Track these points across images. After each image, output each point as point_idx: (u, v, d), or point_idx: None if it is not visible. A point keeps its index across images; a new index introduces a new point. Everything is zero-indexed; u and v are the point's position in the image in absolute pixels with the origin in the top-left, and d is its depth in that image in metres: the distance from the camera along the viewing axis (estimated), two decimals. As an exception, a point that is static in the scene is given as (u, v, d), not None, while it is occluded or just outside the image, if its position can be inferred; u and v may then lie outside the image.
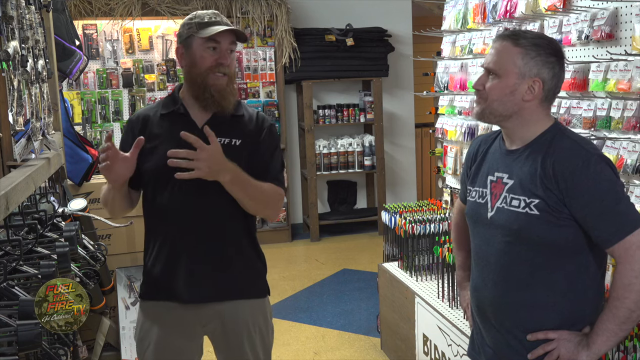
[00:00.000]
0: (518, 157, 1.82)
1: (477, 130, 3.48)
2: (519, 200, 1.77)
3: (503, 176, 1.84)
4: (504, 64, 1.77)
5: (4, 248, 2.14)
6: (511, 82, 1.76)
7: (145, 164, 2.18)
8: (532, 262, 1.78)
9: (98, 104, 6.31)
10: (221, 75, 2.13)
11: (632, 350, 2.09)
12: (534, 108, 1.79)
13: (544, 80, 1.76)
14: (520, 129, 1.82)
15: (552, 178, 1.71)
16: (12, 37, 2.01)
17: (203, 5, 6.13)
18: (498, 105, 1.79)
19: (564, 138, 1.77)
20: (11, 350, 1.60)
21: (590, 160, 1.70)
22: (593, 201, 1.69)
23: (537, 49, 1.76)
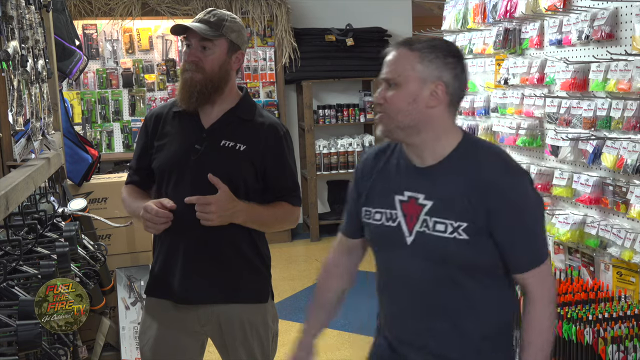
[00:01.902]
0: (435, 175, 1.67)
1: (477, 130, 3.48)
2: (444, 225, 1.63)
3: (417, 196, 1.68)
4: (403, 70, 1.65)
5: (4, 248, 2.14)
6: (412, 89, 1.64)
7: (154, 161, 2.19)
8: (459, 286, 1.67)
9: (98, 104, 6.30)
10: (193, 72, 2.12)
11: (632, 350, 2.09)
12: (441, 115, 1.66)
13: (446, 82, 1.64)
14: (432, 142, 1.67)
15: (481, 197, 1.60)
16: (12, 37, 2.01)
17: (203, 5, 6.12)
18: (403, 116, 1.65)
19: (485, 151, 1.67)
20: (11, 350, 1.60)
21: (521, 181, 1.64)
22: (521, 222, 1.63)
23: (434, 51, 1.65)
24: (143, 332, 2.28)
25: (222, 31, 2.13)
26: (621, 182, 2.49)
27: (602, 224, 2.58)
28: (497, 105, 3.26)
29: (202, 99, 2.14)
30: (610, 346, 2.11)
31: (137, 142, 2.32)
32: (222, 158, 2.14)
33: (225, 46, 2.15)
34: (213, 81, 2.13)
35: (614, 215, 2.58)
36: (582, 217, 2.70)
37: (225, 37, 2.14)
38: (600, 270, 2.67)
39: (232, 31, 2.15)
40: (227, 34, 2.14)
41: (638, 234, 2.40)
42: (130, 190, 2.29)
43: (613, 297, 2.47)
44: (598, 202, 2.61)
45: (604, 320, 2.23)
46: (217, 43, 2.13)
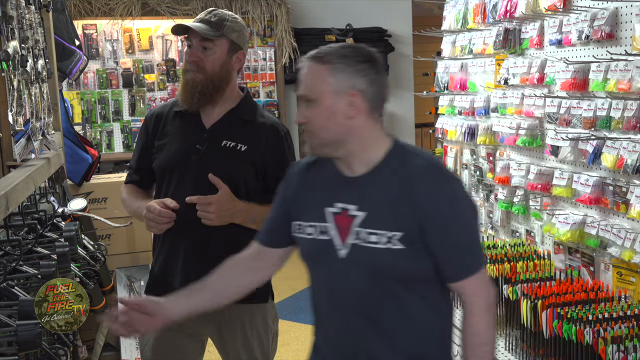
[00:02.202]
0: (365, 185, 1.63)
1: (477, 130, 3.48)
2: (378, 236, 1.58)
3: (349, 207, 1.63)
4: (316, 86, 1.61)
5: (4, 248, 2.14)
6: (328, 103, 1.59)
7: (154, 161, 2.19)
8: (395, 299, 1.63)
9: (98, 104, 6.30)
10: (194, 73, 2.12)
11: (632, 350, 2.09)
12: (363, 124, 1.62)
13: (361, 90, 1.60)
14: (360, 152, 1.63)
15: (413, 204, 1.57)
16: (12, 37, 2.01)
17: (203, 5, 6.12)
18: (325, 133, 1.62)
19: (415, 158, 1.63)
20: (11, 350, 1.60)
21: (451, 189, 1.61)
22: (454, 229, 1.60)
23: (344, 60, 1.61)
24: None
25: (223, 31, 2.13)
26: (621, 182, 2.49)
27: (602, 224, 2.58)
28: (497, 105, 3.26)
29: (203, 99, 2.14)
30: (610, 346, 2.11)
31: (137, 141, 2.32)
32: (223, 158, 2.14)
33: (226, 46, 2.15)
34: (214, 81, 2.13)
35: (614, 215, 2.58)
36: (582, 217, 2.70)
37: (226, 37, 2.14)
38: (600, 270, 2.67)
39: (233, 31, 2.15)
40: (228, 34, 2.14)
41: (638, 234, 2.40)
42: (130, 189, 2.29)
43: (613, 297, 2.47)
44: (598, 202, 2.61)
45: (604, 320, 2.23)
46: (218, 43, 2.13)
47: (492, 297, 1.67)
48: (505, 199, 3.25)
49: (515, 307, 2.57)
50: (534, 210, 3.07)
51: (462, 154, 3.80)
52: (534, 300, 2.44)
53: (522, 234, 3.24)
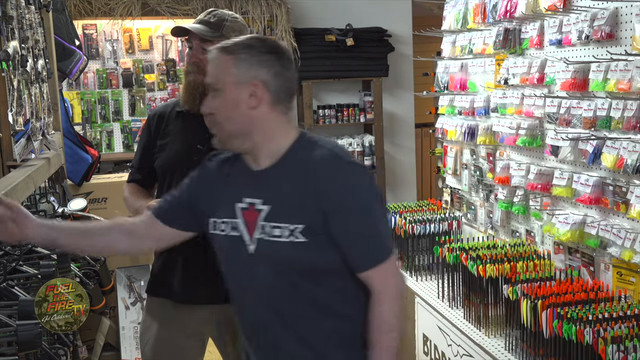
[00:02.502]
0: (269, 177, 1.64)
1: (477, 130, 3.48)
2: (281, 229, 1.59)
3: (255, 202, 1.63)
4: (220, 76, 1.62)
5: (3, 248, 2.14)
6: (232, 94, 1.60)
7: (156, 160, 2.20)
8: (304, 292, 1.64)
9: (98, 104, 6.30)
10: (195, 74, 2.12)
11: (632, 350, 2.09)
12: (267, 115, 1.62)
13: (264, 81, 1.60)
14: (264, 144, 1.64)
15: (315, 195, 1.57)
16: (12, 37, 2.01)
17: (203, 5, 6.12)
18: (229, 124, 1.62)
19: (320, 148, 1.63)
20: (11, 350, 1.60)
21: (355, 179, 1.61)
22: (357, 219, 1.59)
23: (248, 50, 1.61)
24: (144, 332, 2.28)
25: (222, 32, 2.13)
26: (621, 182, 2.49)
27: (602, 224, 2.58)
28: (497, 105, 3.26)
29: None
30: (610, 346, 2.11)
31: (139, 141, 2.32)
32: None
33: None
34: None
35: (614, 215, 2.58)
36: (582, 217, 2.70)
37: (226, 38, 2.14)
38: (600, 270, 2.67)
39: (232, 31, 2.15)
40: (227, 34, 2.14)
41: (638, 234, 2.40)
42: (132, 189, 2.29)
43: (613, 297, 2.47)
44: (598, 202, 2.61)
45: (604, 320, 2.23)
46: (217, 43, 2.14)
47: (400, 286, 1.69)
48: (505, 199, 3.25)
49: (515, 307, 2.57)
50: (534, 210, 3.06)
51: (462, 154, 3.80)
52: (534, 300, 2.44)
53: (522, 234, 3.24)
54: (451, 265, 3.15)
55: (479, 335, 2.88)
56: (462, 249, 3.09)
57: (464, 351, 2.91)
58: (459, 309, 3.14)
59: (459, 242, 3.26)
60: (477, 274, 2.85)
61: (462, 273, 3.05)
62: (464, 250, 3.06)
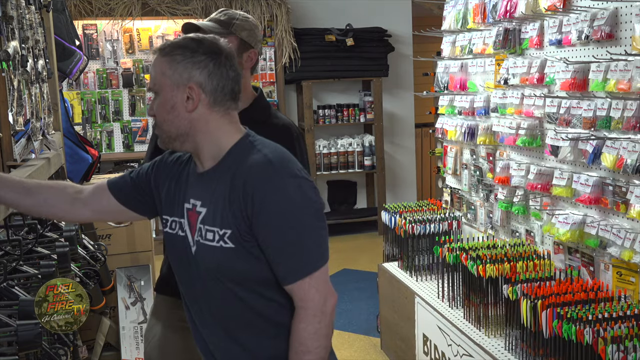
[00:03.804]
0: (208, 180, 1.61)
1: (477, 130, 3.48)
2: (212, 233, 1.56)
3: (196, 203, 1.62)
4: (157, 79, 1.59)
5: (4, 248, 2.14)
6: (168, 96, 1.58)
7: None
8: (239, 300, 1.59)
9: (98, 104, 6.31)
10: None
11: (632, 350, 2.09)
12: (206, 117, 1.59)
13: (199, 83, 1.57)
14: (205, 146, 1.61)
15: (241, 200, 1.52)
16: (12, 37, 2.01)
17: (203, 5, 6.12)
18: (168, 126, 1.60)
19: (255, 153, 1.58)
20: (11, 350, 1.60)
21: (284, 181, 1.54)
22: (279, 228, 1.52)
23: (182, 52, 1.58)
24: (148, 330, 2.28)
25: (232, 29, 2.12)
26: (621, 182, 2.49)
27: (602, 224, 2.58)
28: (497, 105, 3.27)
29: None
30: (610, 346, 2.11)
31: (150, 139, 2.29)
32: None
33: (236, 44, 2.13)
34: None
35: (614, 215, 2.58)
36: (582, 217, 2.70)
37: (235, 35, 2.13)
38: (600, 270, 2.67)
39: (242, 29, 2.14)
40: (237, 32, 2.13)
41: (638, 234, 2.40)
42: None
43: (613, 297, 2.47)
44: (598, 202, 2.61)
45: (603, 320, 2.24)
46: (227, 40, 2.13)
47: (326, 304, 1.59)
48: (505, 199, 3.25)
49: (515, 307, 2.58)
50: (533, 210, 3.07)
51: (462, 154, 3.81)
52: (533, 300, 2.44)
53: (522, 234, 3.24)
54: (451, 265, 3.15)
55: (479, 335, 2.88)
56: (462, 249, 3.09)
57: (464, 351, 2.91)
58: (459, 309, 3.14)
59: (459, 242, 3.26)
60: (477, 274, 2.85)
61: (462, 273, 3.05)
62: (464, 250, 3.06)
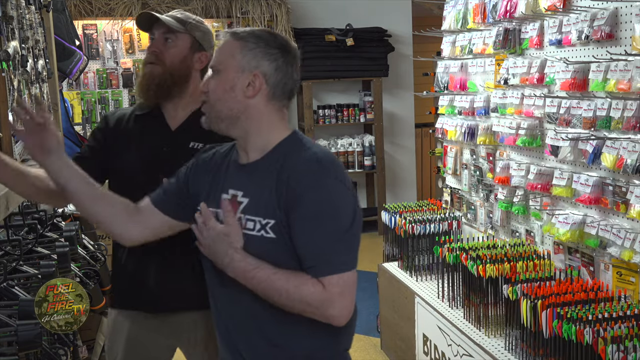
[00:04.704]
0: (253, 171, 1.64)
1: (477, 130, 3.48)
2: (253, 222, 1.58)
3: (238, 193, 1.63)
4: (224, 58, 1.63)
5: (4, 248, 2.14)
6: (230, 77, 1.61)
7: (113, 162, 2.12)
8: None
9: (98, 104, 6.31)
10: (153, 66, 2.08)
11: (632, 350, 2.09)
12: (261, 107, 1.63)
13: (265, 73, 1.61)
14: (253, 135, 1.64)
15: (284, 194, 1.54)
16: (12, 37, 2.02)
17: (203, 5, 6.13)
18: (220, 105, 1.63)
19: (304, 150, 1.60)
20: (11, 350, 1.60)
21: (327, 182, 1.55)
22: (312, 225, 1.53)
23: (257, 40, 1.62)
24: (110, 348, 2.20)
25: (187, 27, 2.12)
26: (621, 182, 2.49)
27: (602, 224, 2.58)
28: (497, 105, 3.27)
29: (160, 92, 2.09)
30: (610, 346, 2.11)
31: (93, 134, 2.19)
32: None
33: (188, 42, 2.12)
34: (172, 75, 2.08)
35: (614, 215, 2.58)
36: (582, 217, 2.70)
37: (189, 34, 2.12)
38: (600, 270, 2.67)
39: (197, 30, 2.14)
40: (191, 31, 2.12)
41: (638, 234, 2.40)
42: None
43: (613, 297, 2.47)
44: (598, 202, 2.61)
45: (603, 320, 2.24)
46: (180, 37, 2.11)
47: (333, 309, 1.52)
48: (505, 199, 3.25)
49: (515, 307, 2.58)
50: (533, 210, 3.07)
51: (462, 154, 3.81)
52: (533, 300, 2.44)
53: (522, 234, 3.24)
54: (451, 265, 3.15)
55: (479, 335, 2.88)
56: (462, 249, 3.09)
57: (464, 351, 2.91)
58: (459, 309, 3.14)
59: (459, 242, 3.26)
60: (477, 274, 2.85)
61: (462, 273, 3.05)
62: (464, 250, 3.06)
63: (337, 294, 1.51)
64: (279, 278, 1.53)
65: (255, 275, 1.54)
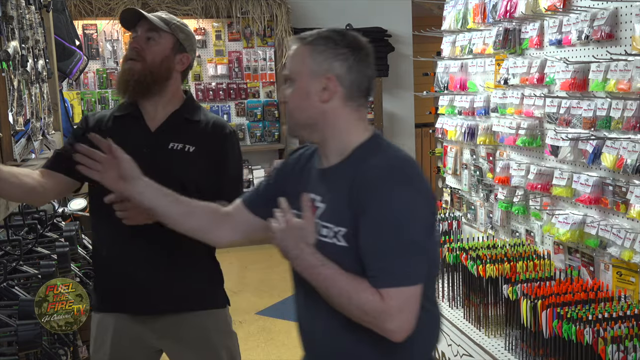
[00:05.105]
0: (331, 176, 1.60)
1: (477, 130, 3.48)
2: (327, 229, 1.54)
3: (316, 198, 1.60)
4: (295, 66, 1.61)
5: (4, 248, 2.14)
6: (304, 83, 1.58)
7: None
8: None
9: (98, 104, 6.31)
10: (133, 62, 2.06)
11: (632, 350, 2.09)
12: (338, 110, 1.59)
13: (338, 75, 1.56)
14: (332, 140, 1.60)
15: (355, 201, 1.49)
16: (12, 37, 2.02)
17: (203, 5, 6.12)
18: (299, 113, 1.60)
19: (379, 155, 1.55)
20: (11, 350, 1.61)
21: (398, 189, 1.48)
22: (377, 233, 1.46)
23: (325, 42, 1.58)
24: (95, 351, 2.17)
25: (170, 27, 2.12)
26: (621, 182, 2.49)
27: (602, 224, 2.58)
28: (497, 105, 3.26)
29: (138, 89, 2.06)
30: (610, 346, 2.11)
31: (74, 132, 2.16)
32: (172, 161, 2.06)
33: (171, 42, 2.12)
34: (152, 73, 2.07)
35: (614, 215, 2.58)
36: (582, 217, 2.70)
37: (172, 34, 2.12)
38: (600, 270, 2.67)
39: (181, 31, 2.14)
40: (175, 32, 2.12)
41: (638, 234, 2.40)
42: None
43: (613, 297, 2.47)
44: (598, 202, 2.61)
45: (603, 320, 2.23)
46: (163, 36, 2.10)
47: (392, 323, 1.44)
48: (505, 199, 3.25)
49: (515, 307, 2.58)
50: (533, 210, 3.07)
51: (462, 154, 3.80)
52: (533, 300, 2.44)
53: (522, 234, 3.24)
54: (451, 265, 3.15)
55: (479, 335, 2.88)
56: (462, 249, 3.09)
57: (464, 351, 2.91)
58: (459, 309, 3.14)
59: (459, 242, 3.26)
60: (477, 274, 2.85)
61: (462, 273, 3.05)
62: (464, 250, 3.06)
63: (396, 308, 1.43)
64: (343, 279, 1.47)
65: (321, 271, 1.49)
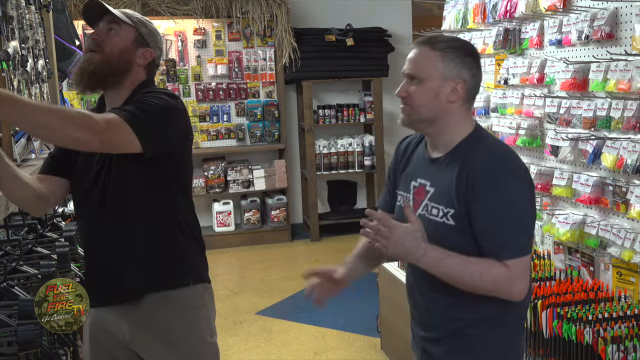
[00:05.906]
0: (439, 165, 1.83)
1: (477, 130, 3.48)
2: (437, 209, 1.79)
3: (426, 183, 1.85)
4: (425, 68, 1.80)
5: (4, 248, 2.14)
6: (435, 85, 1.79)
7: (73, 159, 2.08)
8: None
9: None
10: (92, 54, 2.03)
11: (632, 350, 2.09)
12: (457, 110, 1.82)
13: (465, 80, 1.79)
14: (444, 133, 1.83)
15: (464, 188, 1.73)
16: (12, 37, 2.02)
17: (203, 5, 6.12)
18: (425, 110, 1.81)
19: (482, 148, 1.79)
20: (11, 350, 1.60)
21: (503, 178, 1.72)
22: (491, 217, 1.70)
23: (454, 51, 1.79)
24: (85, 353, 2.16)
25: (132, 20, 2.11)
26: (621, 182, 2.49)
27: (602, 224, 2.58)
28: (497, 105, 3.27)
29: (94, 80, 2.03)
30: (610, 346, 2.11)
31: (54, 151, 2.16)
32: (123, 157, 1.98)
33: (133, 35, 2.09)
34: (110, 64, 2.03)
35: (614, 215, 2.58)
36: (582, 217, 2.70)
37: (134, 27, 2.09)
38: (600, 270, 2.67)
39: (144, 26, 2.11)
40: (137, 26, 2.09)
41: (638, 234, 2.40)
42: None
43: (613, 297, 2.47)
44: (598, 202, 2.61)
45: (604, 320, 2.24)
46: (124, 28, 2.08)
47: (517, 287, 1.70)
48: (505, 199, 3.25)
49: (515, 307, 2.57)
50: (534, 210, 3.06)
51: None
52: (534, 300, 2.44)
53: (522, 234, 3.23)
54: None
55: (479, 335, 2.87)
56: (462, 249, 3.08)
57: (464, 351, 2.90)
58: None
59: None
60: (477, 274, 2.85)
61: (462, 273, 3.04)
62: (464, 250, 3.06)
63: (520, 274, 1.70)
64: (472, 262, 1.69)
65: (449, 262, 1.70)
